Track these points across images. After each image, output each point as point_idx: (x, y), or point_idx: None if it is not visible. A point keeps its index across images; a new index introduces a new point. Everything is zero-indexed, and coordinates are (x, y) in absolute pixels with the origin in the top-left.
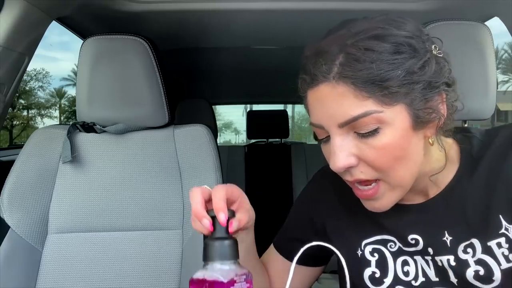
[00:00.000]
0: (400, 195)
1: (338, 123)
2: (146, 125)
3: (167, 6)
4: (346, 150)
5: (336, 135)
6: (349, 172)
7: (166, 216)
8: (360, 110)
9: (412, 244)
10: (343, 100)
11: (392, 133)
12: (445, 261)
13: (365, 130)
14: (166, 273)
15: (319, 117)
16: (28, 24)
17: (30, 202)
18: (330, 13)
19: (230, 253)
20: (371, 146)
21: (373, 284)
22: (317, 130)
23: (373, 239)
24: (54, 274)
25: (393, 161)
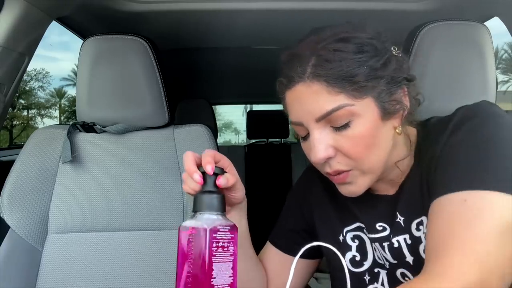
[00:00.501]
0: (372, 179)
1: (315, 117)
2: (146, 125)
3: (167, 6)
4: (324, 142)
5: (315, 129)
6: (328, 164)
7: (166, 216)
8: (333, 105)
9: (379, 230)
10: (318, 97)
11: (363, 124)
12: (402, 240)
13: (340, 123)
14: (166, 273)
15: (298, 114)
16: (28, 24)
17: (30, 202)
18: (330, 13)
19: (216, 205)
20: (346, 136)
21: (353, 266)
22: (297, 128)
23: (352, 226)
24: (54, 274)
25: (366, 149)
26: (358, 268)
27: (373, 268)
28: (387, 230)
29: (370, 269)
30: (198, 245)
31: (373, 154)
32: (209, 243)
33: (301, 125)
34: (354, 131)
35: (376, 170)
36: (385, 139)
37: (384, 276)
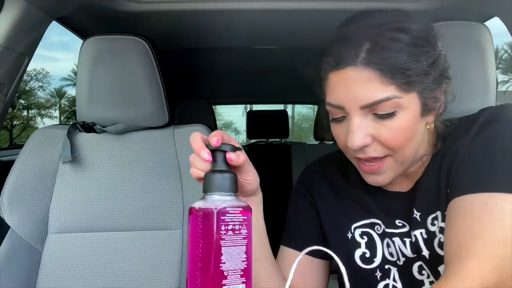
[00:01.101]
0: (400, 171)
1: (361, 105)
2: (146, 125)
3: (167, 6)
4: (364, 130)
5: (356, 116)
6: (362, 150)
7: (166, 216)
8: (383, 95)
9: (399, 226)
10: (369, 84)
11: (406, 117)
12: (419, 234)
13: (384, 112)
14: (166, 273)
15: (341, 98)
16: (28, 24)
17: (30, 202)
18: (330, 13)
19: (226, 185)
20: (387, 127)
21: (364, 263)
22: (333, 110)
23: (362, 222)
24: (54, 274)
25: (404, 141)
26: (369, 265)
27: (384, 265)
28: (407, 227)
29: (381, 265)
30: (206, 228)
31: (408, 147)
32: (216, 226)
33: (341, 108)
34: (397, 122)
35: (407, 162)
36: (419, 133)
37: (396, 272)
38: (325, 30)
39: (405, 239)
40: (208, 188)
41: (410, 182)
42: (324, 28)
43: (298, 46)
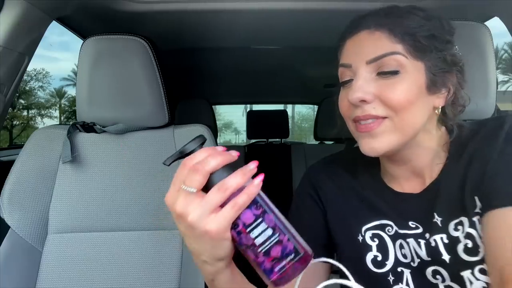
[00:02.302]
0: (398, 141)
1: (367, 59)
2: (146, 125)
3: (167, 6)
4: (367, 85)
5: (362, 71)
6: (361, 108)
7: (166, 216)
8: (389, 49)
9: (412, 227)
10: (378, 42)
11: (409, 81)
12: (439, 239)
13: (388, 69)
14: (166, 273)
15: (351, 56)
16: (28, 24)
17: (30, 202)
18: (330, 13)
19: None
20: (390, 85)
21: (376, 267)
22: (343, 71)
23: (372, 224)
24: (54, 274)
25: (405, 102)
26: (381, 269)
27: (396, 268)
28: (420, 229)
29: (393, 268)
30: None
31: (409, 113)
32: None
33: (349, 67)
34: (400, 83)
35: (405, 132)
36: (423, 109)
37: (409, 275)
38: (325, 30)
39: (420, 240)
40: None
41: (420, 182)
42: (324, 28)
43: (298, 46)
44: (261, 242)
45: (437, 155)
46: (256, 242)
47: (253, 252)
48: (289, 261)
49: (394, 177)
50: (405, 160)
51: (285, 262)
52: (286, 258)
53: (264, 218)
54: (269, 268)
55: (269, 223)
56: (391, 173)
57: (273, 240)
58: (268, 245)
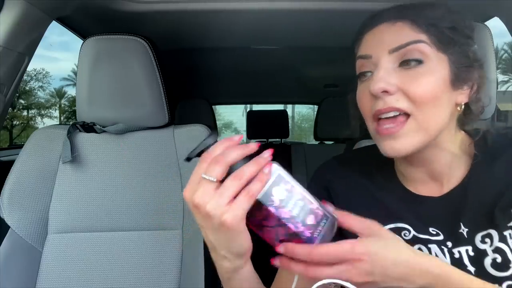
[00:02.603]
0: (421, 141)
1: (390, 48)
2: (146, 125)
3: (167, 6)
4: (389, 76)
5: (383, 61)
6: (382, 100)
7: (166, 216)
8: (413, 38)
9: (433, 234)
10: (400, 31)
11: (434, 73)
12: (464, 251)
13: (412, 56)
14: (166, 273)
15: (371, 47)
16: (28, 24)
17: (30, 202)
18: (330, 13)
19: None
20: (413, 76)
21: None
22: (362, 63)
23: (387, 227)
24: (54, 274)
25: (430, 97)
26: None
27: None
28: (441, 236)
29: None
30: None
31: (433, 108)
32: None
33: (369, 58)
34: (424, 74)
35: (429, 131)
36: (446, 105)
37: None
38: (325, 30)
39: (443, 247)
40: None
41: (437, 186)
42: (324, 28)
43: (298, 46)
44: (297, 213)
45: (458, 158)
46: (293, 214)
47: (293, 224)
48: (323, 226)
49: (409, 179)
50: (424, 162)
51: (320, 227)
52: (320, 224)
53: (293, 191)
54: (310, 236)
55: (298, 195)
56: (407, 175)
57: (306, 210)
58: (304, 215)
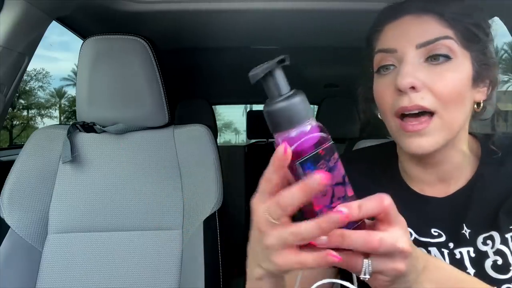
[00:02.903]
0: (444, 139)
1: (417, 43)
2: (146, 125)
3: (167, 6)
4: (416, 72)
5: (409, 56)
6: (408, 96)
7: (166, 216)
8: (441, 33)
9: (435, 236)
10: (427, 26)
11: (460, 70)
12: (465, 252)
13: (440, 52)
14: (166, 273)
15: (395, 41)
16: (28, 24)
17: (30, 202)
18: (330, 13)
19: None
20: (440, 74)
21: None
22: (383, 57)
23: None
24: (54, 274)
25: (456, 95)
26: None
27: None
28: (443, 237)
29: None
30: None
31: (458, 106)
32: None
33: (393, 52)
34: (451, 71)
35: (452, 130)
36: (468, 103)
37: None
38: (325, 30)
39: (443, 250)
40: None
41: (444, 187)
42: (324, 28)
43: (298, 46)
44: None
45: (467, 158)
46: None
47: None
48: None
49: (415, 180)
50: (436, 163)
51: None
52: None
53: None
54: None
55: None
56: (413, 175)
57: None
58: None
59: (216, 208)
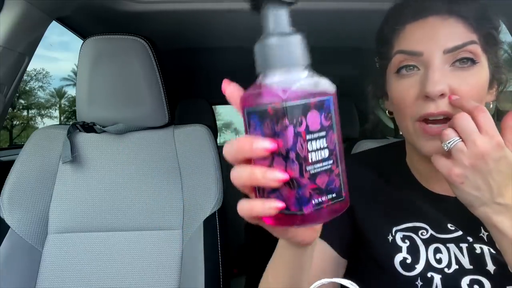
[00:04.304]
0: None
1: (445, 48)
2: (146, 125)
3: (167, 6)
4: (445, 78)
5: (437, 61)
6: (435, 103)
7: (166, 216)
8: (468, 38)
9: (451, 230)
10: (454, 30)
11: (482, 73)
12: (486, 249)
13: (467, 55)
14: (166, 273)
15: (422, 43)
16: (28, 24)
17: (30, 202)
18: (330, 13)
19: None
20: (466, 78)
21: (404, 270)
22: (405, 58)
23: (404, 226)
24: (54, 274)
25: (479, 99)
26: (409, 272)
27: (426, 273)
28: (459, 232)
29: (423, 273)
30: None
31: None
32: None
33: (419, 55)
34: (476, 76)
35: None
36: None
37: (439, 281)
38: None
39: (462, 245)
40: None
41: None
42: (324, 28)
43: None
44: (313, 160)
45: None
46: (308, 157)
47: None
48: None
49: (429, 178)
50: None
51: (325, 198)
52: (327, 194)
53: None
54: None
55: (329, 143)
56: (425, 174)
57: (324, 166)
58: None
59: (216, 208)
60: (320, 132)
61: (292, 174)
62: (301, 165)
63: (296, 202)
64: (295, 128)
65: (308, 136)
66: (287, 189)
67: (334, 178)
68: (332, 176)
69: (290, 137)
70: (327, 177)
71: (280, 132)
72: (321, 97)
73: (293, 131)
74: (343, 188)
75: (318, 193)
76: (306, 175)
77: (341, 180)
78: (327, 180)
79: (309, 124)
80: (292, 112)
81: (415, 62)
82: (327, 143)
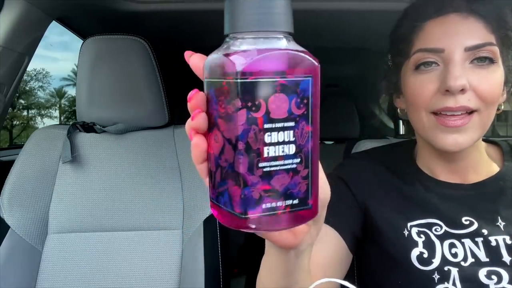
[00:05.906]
0: (478, 137)
1: (466, 46)
2: (146, 125)
3: (167, 6)
4: (466, 74)
5: (458, 58)
6: (454, 98)
7: (166, 216)
8: (488, 39)
9: (466, 225)
10: (474, 29)
11: (499, 73)
12: (501, 240)
13: (487, 54)
14: (166, 273)
15: (443, 41)
16: (28, 24)
17: (30, 202)
18: (330, 13)
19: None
20: (485, 76)
21: (421, 264)
22: (426, 55)
23: (417, 222)
24: (54, 274)
25: (496, 96)
26: (426, 267)
27: (443, 266)
28: (475, 224)
29: (440, 267)
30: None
31: (494, 107)
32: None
33: (440, 52)
34: (494, 73)
35: (485, 128)
36: (497, 105)
37: (456, 274)
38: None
39: (477, 239)
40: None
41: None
42: (324, 28)
43: None
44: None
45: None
46: (263, 151)
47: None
48: (287, 206)
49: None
50: (461, 157)
51: (282, 203)
52: (286, 199)
53: (298, 125)
54: (256, 199)
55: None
56: (435, 168)
57: (286, 164)
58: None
59: None
60: (287, 121)
61: (239, 168)
62: (251, 159)
63: (241, 203)
64: (249, 112)
65: (267, 125)
66: (233, 185)
67: (299, 181)
68: (295, 178)
69: (241, 122)
70: (288, 179)
71: (230, 114)
72: (295, 76)
73: (245, 115)
74: (310, 195)
75: (272, 196)
76: (258, 173)
77: (309, 184)
78: (288, 182)
79: (271, 109)
80: (247, 90)
81: (435, 58)
82: (296, 137)
